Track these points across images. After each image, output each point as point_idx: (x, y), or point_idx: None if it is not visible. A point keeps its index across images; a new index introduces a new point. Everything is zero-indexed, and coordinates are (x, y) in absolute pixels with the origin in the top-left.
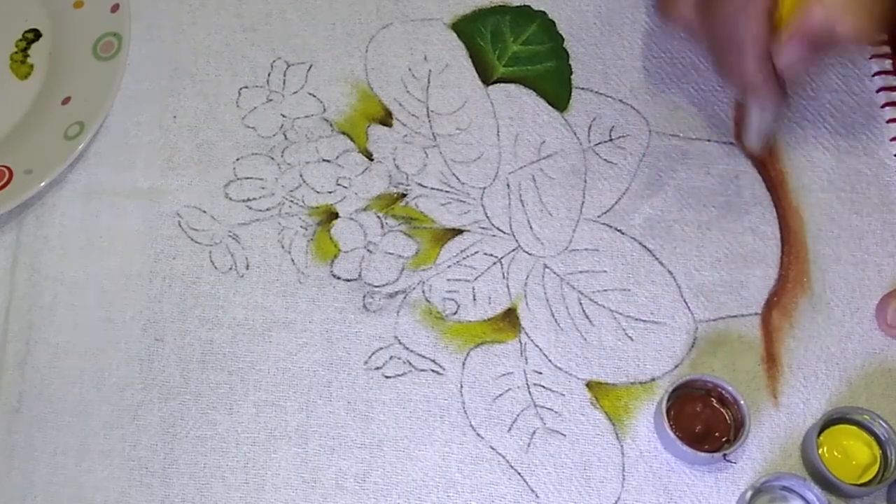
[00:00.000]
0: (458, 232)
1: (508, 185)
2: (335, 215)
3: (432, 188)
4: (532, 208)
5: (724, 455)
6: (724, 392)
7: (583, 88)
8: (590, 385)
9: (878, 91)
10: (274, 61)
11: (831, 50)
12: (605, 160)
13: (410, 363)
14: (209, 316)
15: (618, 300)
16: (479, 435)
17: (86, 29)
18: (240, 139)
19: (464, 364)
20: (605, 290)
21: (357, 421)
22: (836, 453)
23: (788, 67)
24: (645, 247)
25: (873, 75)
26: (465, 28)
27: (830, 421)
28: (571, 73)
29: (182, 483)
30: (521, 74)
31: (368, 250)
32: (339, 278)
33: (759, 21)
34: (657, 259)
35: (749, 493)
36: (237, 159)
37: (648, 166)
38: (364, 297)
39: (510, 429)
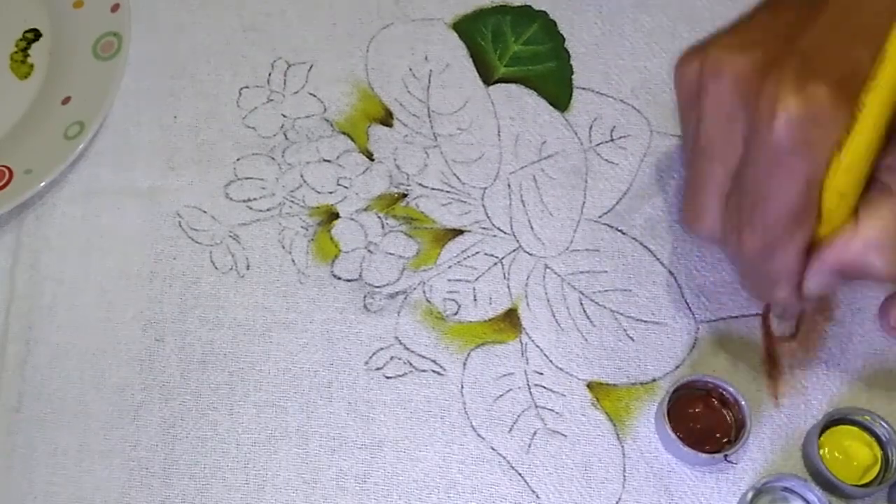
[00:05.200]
0: (458, 232)
1: (509, 186)
2: (336, 215)
3: (433, 188)
4: (533, 208)
5: (725, 456)
6: (725, 393)
7: (584, 88)
8: (591, 385)
9: None
10: (274, 61)
11: (862, 280)
12: (607, 160)
13: (411, 364)
14: (209, 316)
15: (619, 300)
16: (479, 435)
17: (86, 29)
18: (240, 139)
19: (464, 364)
20: (606, 291)
21: (357, 421)
22: (837, 454)
23: (814, 292)
24: (646, 247)
25: None
26: (466, 28)
27: (831, 422)
28: (572, 73)
29: (182, 483)
30: (522, 74)
31: (369, 250)
32: (339, 278)
33: (796, 257)
34: (658, 259)
35: (750, 494)
36: (238, 159)
37: (650, 166)
38: (365, 297)
39: (511, 429)
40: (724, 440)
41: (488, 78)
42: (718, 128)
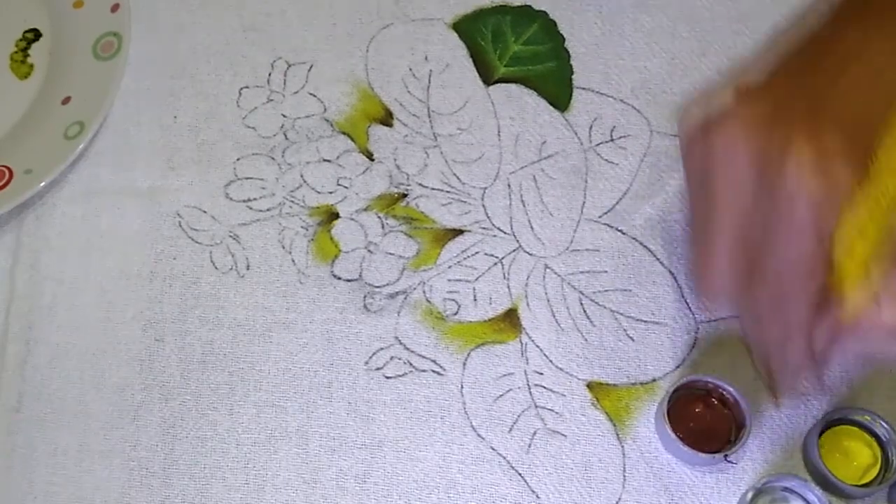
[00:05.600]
0: (458, 232)
1: (509, 186)
2: (336, 215)
3: (433, 188)
4: (533, 208)
5: (725, 456)
6: (725, 392)
7: (584, 88)
8: (591, 385)
9: None
10: (274, 61)
11: (882, 352)
12: (607, 160)
13: (411, 364)
14: (209, 316)
15: (619, 301)
16: (479, 435)
17: (86, 29)
18: (240, 139)
19: (464, 364)
20: (606, 291)
21: (357, 421)
22: (836, 454)
23: (833, 359)
24: (646, 247)
25: None
26: (466, 28)
27: (831, 422)
28: (572, 73)
29: (182, 483)
30: (522, 74)
31: (369, 250)
32: (339, 278)
33: (810, 312)
34: (658, 259)
35: (750, 494)
36: (238, 159)
37: (649, 166)
38: (365, 297)
39: (511, 429)
40: (724, 440)
41: (488, 78)
42: (728, 189)
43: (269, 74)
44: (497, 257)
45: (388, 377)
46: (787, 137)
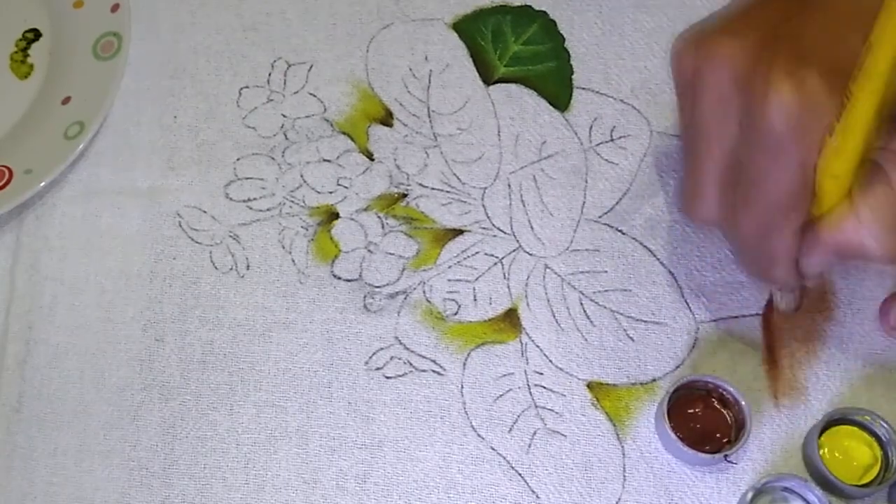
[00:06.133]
0: (458, 232)
1: (509, 186)
2: (336, 215)
3: (433, 188)
4: (533, 208)
5: (726, 456)
6: (725, 393)
7: (584, 88)
8: (591, 386)
9: None
10: (274, 61)
11: (858, 261)
12: (607, 160)
13: (411, 364)
14: (209, 316)
15: (619, 301)
16: (479, 436)
17: (86, 29)
18: (240, 139)
19: (464, 364)
20: (606, 291)
21: (357, 421)
22: (837, 454)
23: (811, 271)
24: (646, 247)
25: None
26: (466, 28)
27: (832, 422)
28: (572, 73)
29: (182, 483)
30: (522, 74)
31: (369, 250)
32: (339, 278)
33: (792, 238)
34: (658, 259)
35: (750, 494)
36: (237, 159)
37: (650, 166)
38: (365, 297)
39: (511, 429)
40: (724, 440)
41: (488, 78)
42: (714, 113)
43: (269, 74)
44: (497, 257)
45: (388, 377)
46: (769, 60)
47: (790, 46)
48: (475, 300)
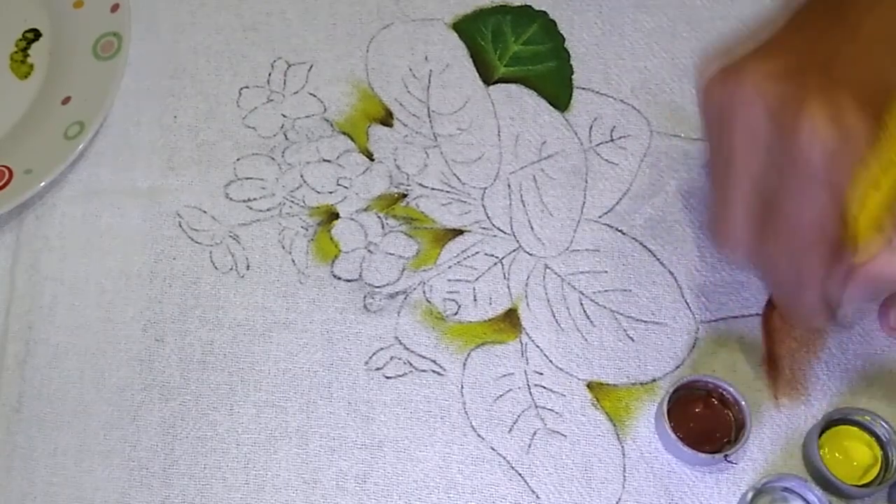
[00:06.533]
0: (458, 232)
1: (509, 186)
2: (336, 215)
3: (433, 188)
4: (533, 209)
5: (726, 456)
6: (725, 393)
7: (584, 88)
8: (591, 386)
9: None
10: (274, 61)
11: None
12: (607, 160)
13: (411, 364)
14: (209, 316)
15: (619, 301)
16: (479, 436)
17: (86, 29)
18: (240, 139)
19: (464, 365)
20: (606, 291)
21: (357, 421)
22: (837, 454)
23: (847, 304)
24: (646, 247)
25: None
26: (466, 28)
27: (831, 422)
28: (572, 73)
29: (182, 483)
30: (522, 74)
31: (369, 251)
32: (339, 279)
33: (824, 263)
34: (658, 259)
35: (750, 494)
36: (237, 159)
37: (649, 166)
38: (365, 297)
39: (511, 429)
40: (724, 440)
41: (488, 78)
42: (745, 144)
43: (269, 74)
44: (497, 257)
45: (388, 377)
46: (802, 92)
47: (821, 74)
48: (475, 300)
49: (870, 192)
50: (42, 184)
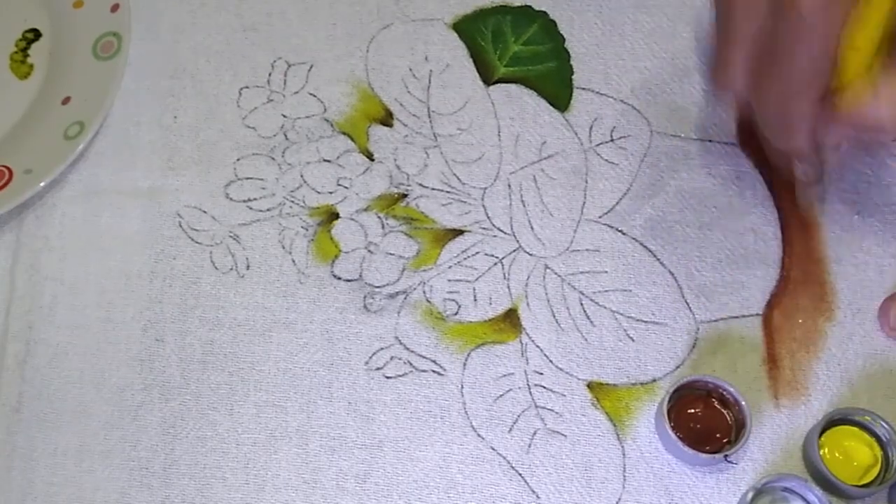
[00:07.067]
0: (458, 232)
1: (509, 186)
2: (336, 216)
3: (433, 188)
4: (533, 209)
5: (726, 456)
6: (725, 393)
7: (584, 88)
8: (591, 386)
9: None
10: (274, 61)
11: (875, 138)
12: (607, 160)
13: (411, 364)
14: (210, 316)
15: (619, 301)
16: (479, 436)
17: (86, 29)
18: (240, 139)
19: (464, 365)
20: (606, 291)
21: (358, 421)
22: (837, 454)
23: (829, 142)
24: (646, 247)
25: None
26: (466, 28)
27: (832, 422)
28: (572, 74)
29: (182, 483)
30: (522, 74)
31: (369, 251)
32: (339, 279)
33: (813, 106)
34: (658, 260)
35: (750, 494)
36: (238, 159)
37: (650, 167)
38: (365, 297)
39: (511, 429)
40: (724, 440)
41: (488, 78)
42: (747, 6)
43: (269, 74)
44: (497, 257)
45: (388, 377)
46: None
47: None
48: (475, 300)
49: (856, 30)
50: (42, 184)
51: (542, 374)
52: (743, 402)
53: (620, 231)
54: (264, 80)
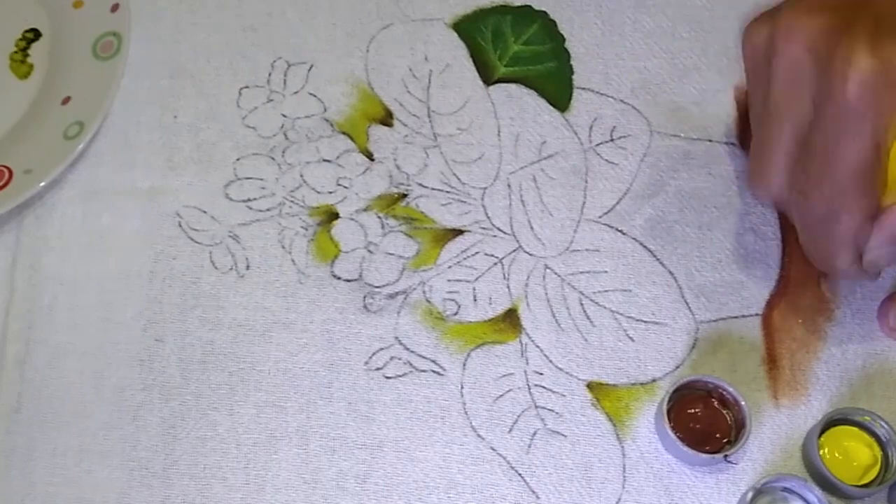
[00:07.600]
0: (458, 232)
1: (509, 186)
2: (336, 215)
3: (433, 188)
4: (533, 209)
5: (725, 456)
6: (724, 393)
7: (584, 88)
8: (591, 386)
9: None
10: (274, 61)
11: None
12: (607, 160)
13: (411, 364)
14: (209, 316)
15: (619, 301)
16: (479, 436)
17: (85, 29)
18: (240, 139)
19: (464, 365)
20: (606, 291)
21: (358, 422)
22: (837, 454)
23: (871, 258)
24: (646, 247)
25: None
26: (466, 28)
27: (831, 422)
28: (572, 74)
29: (182, 484)
30: (522, 74)
31: (369, 251)
32: (339, 279)
33: (861, 223)
34: (658, 260)
35: (750, 494)
36: (237, 159)
37: (649, 167)
38: (364, 297)
39: (511, 430)
40: (724, 440)
41: (488, 78)
42: (788, 86)
43: (269, 74)
44: (497, 257)
45: (388, 377)
46: (842, 25)
47: (871, 23)
48: (475, 300)
49: None
50: (42, 184)
51: (541, 374)
52: (743, 403)
53: (620, 231)
54: (264, 79)
